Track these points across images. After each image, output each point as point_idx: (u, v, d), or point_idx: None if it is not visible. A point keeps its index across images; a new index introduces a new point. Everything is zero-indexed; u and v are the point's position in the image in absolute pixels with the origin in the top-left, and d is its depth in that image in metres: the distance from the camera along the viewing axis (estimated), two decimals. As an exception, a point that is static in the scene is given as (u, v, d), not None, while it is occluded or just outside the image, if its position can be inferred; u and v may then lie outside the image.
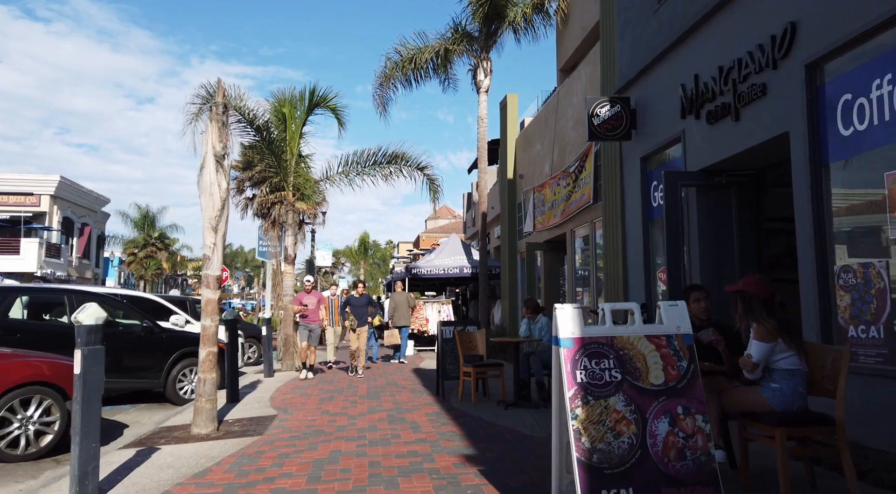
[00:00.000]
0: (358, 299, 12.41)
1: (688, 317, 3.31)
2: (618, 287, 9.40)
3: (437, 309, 19.60)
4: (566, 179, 12.28)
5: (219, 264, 7.33)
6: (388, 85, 18.52)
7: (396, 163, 16.23)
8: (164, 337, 10.06)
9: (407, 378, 11.88)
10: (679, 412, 3.12)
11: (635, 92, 8.77)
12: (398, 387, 10.51)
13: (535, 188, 14.57)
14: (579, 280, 12.23)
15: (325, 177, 16.02)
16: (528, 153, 15.67)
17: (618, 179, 9.40)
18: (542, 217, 14.16)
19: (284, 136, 15.11)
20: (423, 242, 57.65)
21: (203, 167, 7.31)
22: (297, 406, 8.57)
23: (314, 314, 12.09)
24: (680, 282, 6.95)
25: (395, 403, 8.69)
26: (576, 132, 12.05)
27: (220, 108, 7.36)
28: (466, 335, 9.04)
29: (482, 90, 17.57)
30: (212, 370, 7.20)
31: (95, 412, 4.63)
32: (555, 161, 13.34)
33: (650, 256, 8.55)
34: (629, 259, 9.12)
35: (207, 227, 7.28)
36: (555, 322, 3.31)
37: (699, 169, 7.13)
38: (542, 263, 14.36)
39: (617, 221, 9.46)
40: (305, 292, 12.39)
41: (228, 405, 8.87)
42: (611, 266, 9.65)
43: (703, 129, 6.99)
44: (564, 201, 12.37)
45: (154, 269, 54.02)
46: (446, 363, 9.37)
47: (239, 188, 24.05)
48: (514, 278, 16.72)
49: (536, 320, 8.62)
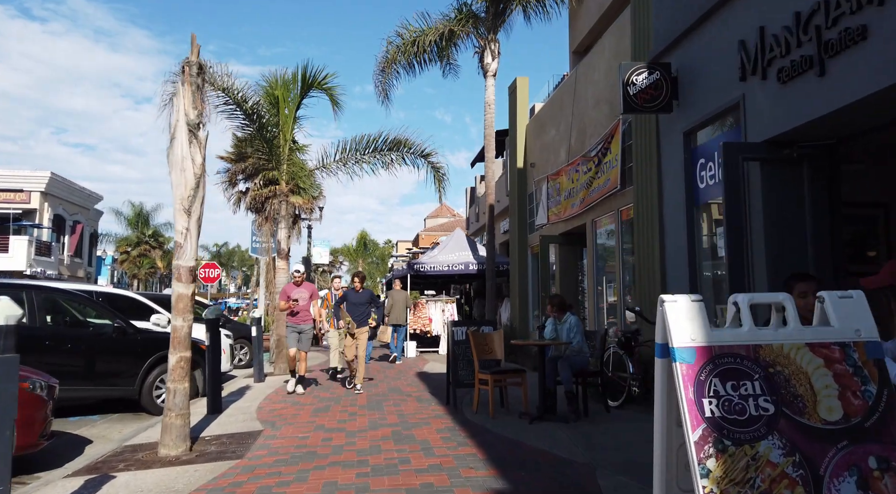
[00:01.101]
0: (357, 295, 10.24)
1: (870, 315, 2.16)
2: (652, 282, 8.25)
3: (440, 308, 18.46)
4: (587, 165, 11.13)
5: (193, 252, 6.17)
6: (390, 70, 17.40)
7: (398, 150, 15.08)
8: (138, 339, 8.90)
9: (411, 384, 10.73)
10: (872, 465, 1.97)
11: (677, 57, 7.61)
12: (403, 395, 9.36)
13: (550, 177, 13.42)
14: (602, 276, 11.08)
15: (321, 165, 14.86)
16: (541, 140, 14.52)
17: (654, 159, 8.25)
18: (556, 208, 13.00)
19: (277, 120, 13.94)
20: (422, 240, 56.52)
21: (173, 138, 6.15)
22: (287, 419, 7.42)
23: (305, 312, 9.78)
24: (743, 275, 5.80)
25: (400, 415, 7.54)
26: (598, 112, 10.90)
27: (193, 68, 6.20)
28: (481, 337, 7.90)
29: (489, 74, 16.42)
30: (183, 379, 6.05)
31: (5, 446, 3.44)
32: (572, 146, 12.19)
33: (695, 246, 7.40)
34: (668, 250, 7.97)
35: (179, 209, 6.13)
36: (662, 322, 2.17)
37: (764, 140, 5.99)
38: (557, 257, 13.21)
39: (652, 207, 8.31)
40: (294, 285, 9.96)
41: (209, 418, 7.72)
42: (644, 259, 8.50)
43: (772, 91, 5.84)
44: (584, 188, 11.21)
45: (148, 268, 52.81)
46: (458, 369, 8.23)
47: (231, 181, 22.89)
48: (524, 274, 15.57)
49: (564, 319, 7.47)
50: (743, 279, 5.81)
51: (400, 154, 15.22)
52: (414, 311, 18.27)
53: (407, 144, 15.13)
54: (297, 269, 10.43)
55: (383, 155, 15.07)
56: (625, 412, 7.42)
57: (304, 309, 9.78)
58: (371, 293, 10.39)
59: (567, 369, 7.05)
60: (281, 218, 14.09)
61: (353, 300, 10.20)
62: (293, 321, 9.73)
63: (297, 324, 9.72)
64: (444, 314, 18.42)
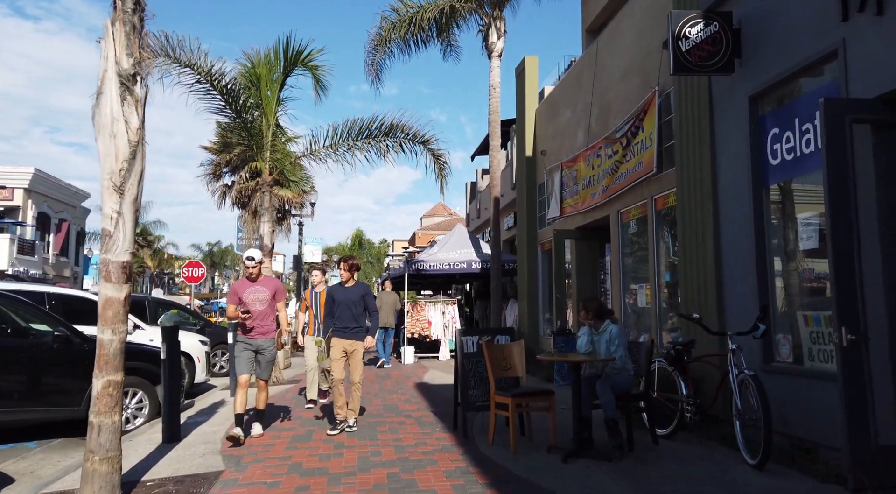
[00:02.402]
0: (346, 291, 7.05)
1: None
2: (703, 284, 6.82)
3: (440, 310, 17.00)
4: (611, 147, 9.69)
5: (127, 243, 4.71)
6: (383, 49, 15.93)
7: (394, 136, 13.60)
8: (86, 349, 7.39)
9: (410, 399, 9.28)
10: None
11: (741, 4, 6.18)
12: (401, 415, 7.90)
13: (564, 164, 11.98)
14: (630, 275, 9.64)
15: (310, 152, 13.36)
16: (553, 124, 13.08)
17: (705, 133, 6.81)
18: (573, 199, 11.57)
19: (258, 102, 12.46)
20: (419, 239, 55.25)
21: (100, 94, 4.68)
22: (257, 453, 5.95)
23: (264, 320, 6.72)
24: (853, 272, 4.37)
25: (398, 448, 6.08)
26: (626, 85, 9.46)
27: (128, 2, 4.72)
28: (498, 350, 6.44)
29: (494, 54, 14.97)
30: (111, 411, 4.58)
31: None
32: (592, 127, 10.75)
33: (765, 238, 5.97)
34: (725, 244, 6.55)
35: (108, 187, 4.66)
36: None
37: (877, 96, 4.56)
38: (574, 254, 11.77)
39: (702, 192, 6.88)
40: (247, 281, 6.81)
41: (162, 449, 6.25)
42: (691, 256, 7.07)
43: (890, 29, 4.42)
44: (608, 174, 9.78)
45: (136, 267, 51.17)
46: (468, 388, 6.77)
47: (215, 174, 21.34)
48: (533, 273, 14.13)
49: (602, 329, 6.01)
50: (852, 279, 4.37)
51: (396, 141, 13.75)
52: (412, 313, 16.82)
53: (404, 130, 13.66)
54: (250, 256, 6.80)
55: (378, 141, 13.60)
56: (677, 445, 5.98)
57: (262, 316, 6.69)
58: (365, 289, 7.19)
59: (608, 391, 5.60)
60: (264, 210, 12.61)
61: (342, 299, 6.99)
62: (245, 333, 6.67)
63: (252, 339, 6.65)
64: (445, 317, 16.97)
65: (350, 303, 6.98)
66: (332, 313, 7.06)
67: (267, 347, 6.74)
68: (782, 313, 5.91)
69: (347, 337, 6.96)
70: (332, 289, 7.23)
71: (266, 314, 6.76)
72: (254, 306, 6.66)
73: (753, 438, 5.16)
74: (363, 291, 7.14)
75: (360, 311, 7.03)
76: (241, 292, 6.74)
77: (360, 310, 7.03)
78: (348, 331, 6.97)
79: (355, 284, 7.16)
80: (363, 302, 7.06)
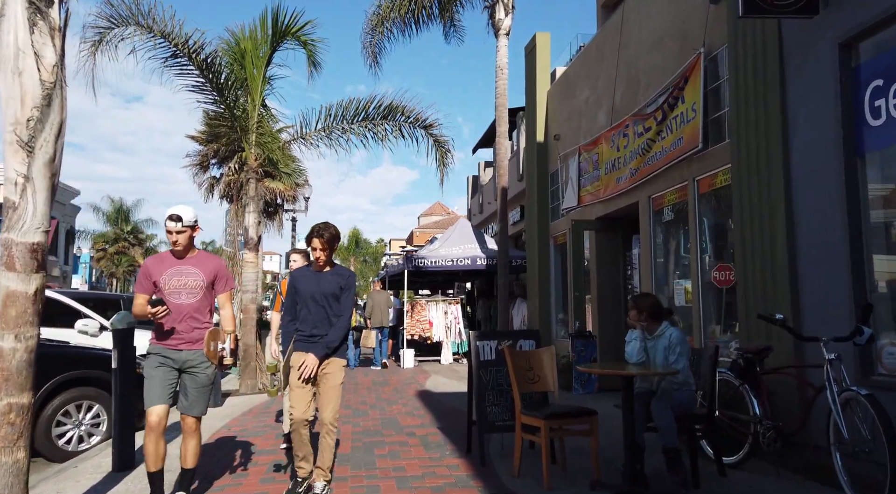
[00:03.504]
0: (319, 279, 4.52)
1: None
2: (771, 278, 5.62)
3: (442, 310, 15.79)
4: (642, 124, 8.50)
5: (38, 219, 3.49)
6: (382, 28, 14.74)
7: (393, 118, 12.41)
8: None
9: (412, 411, 8.08)
10: None
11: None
12: (402, 433, 6.70)
13: (582, 147, 10.79)
14: (665, 270, 8.44)
15: (300, 135, 12.13)
16: (568, 105, 11.88)
17: (774, 93, 5.62)
18: (593, 185, 10.37)
19: (243, 80, 11.24)
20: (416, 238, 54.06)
21: (1, 16, 3.47)
22: (225, 488, 4.73)
23: (194, 320, 4.24)
24: None
25: (401, 480, 4.88)
26: (660, 52, 8.28)
27: None
28: (523, 358, 5.24)
29: (502, 32, 13.79)
30: (13, 447, 3.38)
31: None
32: (616, 104, 9.55)
33: (861, 219, 4.79)
34: (801, 228, 5.36)
35: (11, 142, 3.44)
36: None
37: None
38: (593, 247, 10.57)
39: (770, 166, 5.68)
40: (170, 257, 4.34)
41: (110, 480, 5.05)
42: (753, 244, 5.87)
43: None
44: (639, 155, 8.58)
45: (126, 265, 49.90)
46: (486, 403, 5.56)
47: (202, 165, 20.12)
48: (544, 269, 12.93)
49: (658, 332, 4.81)
50: None
51: (396, 124, 12.56)
52: (411, 313, 15.62)
53: (405, 113, 12.47)
54: (175, 214, 4.25)
55: (375, 125, 12.41)
56: (751, 477, 4.78)
57: (190, 314, 4.22)
58: (348, 278, 4.58)
59: (667, 412, 4.41)
60: (249, 199, 11.39)
61: (311, 291, 4.46)
62: (162, 340, 4.19)
63: (174, 349, 4.17)
64: (447, 317, 15.77)
65: (324, 298, 4.39)
66: (293, 312, 4.51)
67: (199, 364, 4.17)
68: (887, 314, 4.72)
69: (319, 354, 4.36)
70: (298, 276, 4.52)
71: (197, 310, 4.20)
72: (176, 296, 4.15)
73: (863, 475, 3.98)
74: (343, 280, 4.48)
75: (333, 307, 4.48)
76: (156, 273, 4.17)
77: (333, 307, 4.48)
78: (318, 343, 4.38)
79: (333, 269, 4.53)
80: (339, 293, 4.46)
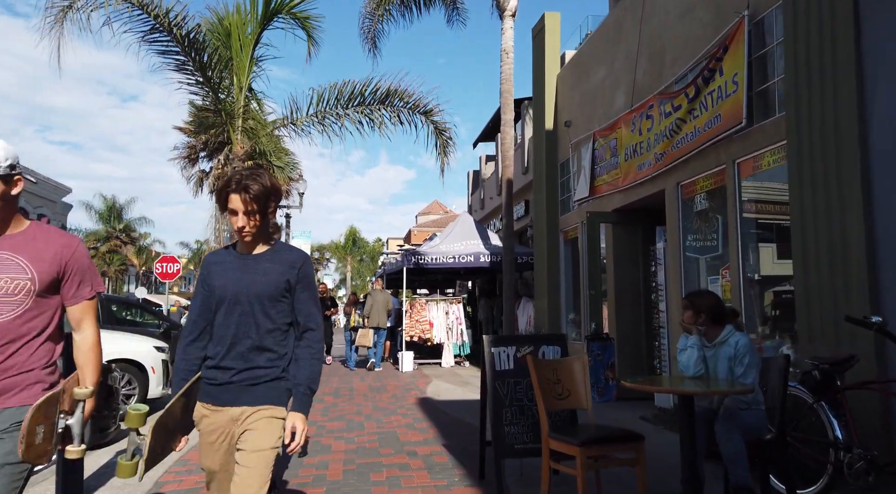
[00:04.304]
0: (247, 265, 2.50)
1: None
2: (842, 273, 4.73)
3: (443, 310, 14.89)
4: (671, 102, 7.61)
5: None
6: (381, 12, 13.90)
7: (391, 104, 11.54)
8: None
9: (413, 424, 7.18)
10: None
11: None
12: (401, 453, 5.79)
13: (598, 133, 9.90)
14: (696, 266, 7.54)
15: (290, 121, 11.23)
16: (581, 89, 10.99)
17: (847, 55, 4.72)
18: (610, 174, 9.49)
19: (229, 60, 10.34)
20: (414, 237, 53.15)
21: None
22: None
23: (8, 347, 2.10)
24: None
25: (402, 520, 3.98)
26: (690, 21, 7.39)
27: None
28: (549, 369, 4.34)
29: (507, 13, 12.95)
30: None
31: None
32: (638, 83, 8.67)
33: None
34: (882, 216, 4.47)
35: None
36: None
37: None
38: (611, 242, 9.68)
39: (840, 142, 4.79)
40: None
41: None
42: (817, 234, 4.98)
43: None
44: (666, 137, 7.69)
45: (118, 264, 48.90)
46: (503, 422, 4.65)
47: (190, 158, 19.20)
48: (553, 267, 12.03)
49: (720, 339, 3.91)
50: None
51: (394, 110, 11.69)
52: (411, 313, 14.71)
53: (403, 97, 11.63)
54: None
55: (372, 110, 11.52)
56: (832, 516, 3.90)
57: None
58: (295, 261, 2.53)
59: (736, 438, 3.52)
60: (235, 190, 10.46)
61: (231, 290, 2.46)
62: None
63: None
64: (449, 318, 14.87)
65: (256, 302, 2.47)
66: (200, 326, 2.54)
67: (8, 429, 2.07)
68: None
69: (237, 398, 2.44)
70: (212, 263, 2.57)
71: (8, 333, 2.13)
72: None
73: None
74: (292, 268, 2.52)
75: (280, 321, 2.50)
76: None
77: (279, 319, 2.50)
78: (238, 383, 2.45)
79: (273, 248, 2.57)
80: (289, 298, 2.53)
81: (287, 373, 2.51)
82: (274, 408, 2.44)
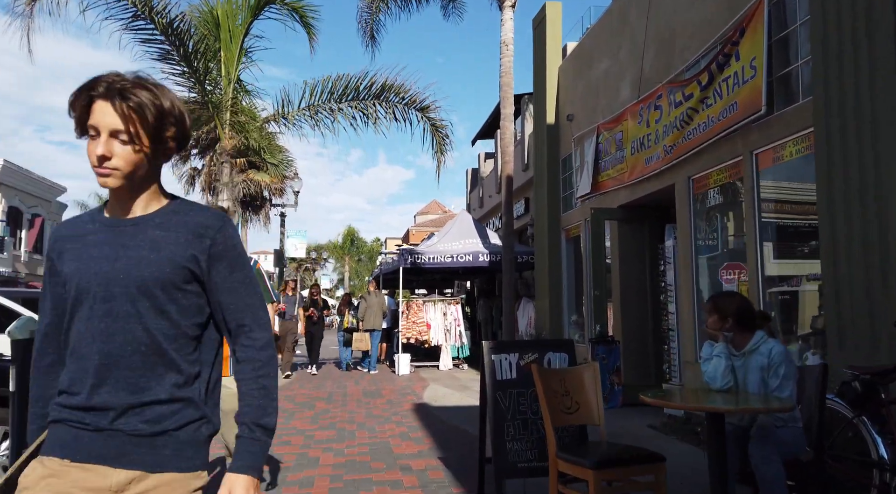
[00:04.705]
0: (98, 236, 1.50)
1: None
2: (881, 275, 4.29)
3: (441, 311, 14.43)
4: (682, 91, 7.17)
5: None
6: (380, 5, 13.50)
7: (386, 99, 11.09)
8: None
9: (408, 433, 6.73)
10: None
11: None
12: (395, 467, 5.34)
13: (602, 126, 9.46)
14: (707, 265, 7.10)
15: (281, 114, 10.77)
16: (584, 80, 10.55)
17: (887, 31, 4.28)
18: (615, 169, 9.05)
19: (217, 50, 9.89)
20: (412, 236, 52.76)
21: None
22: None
23: None
24: None
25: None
26: (702, 5, 6.95)
27: None
28: (556, 379, 3.89)
29: (507, 4, 12.53)
30: None
31: None
32: (646, 72, 8.23)
33: None
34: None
35: None
36: None
37: None
38: (615, 240, 9.24)
39: (878, 127, 4.35)
40: None
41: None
42: (851, 231, 4.54)
43: None
44: (676, 128, 7.25)
45: (114, 264, 48.45)
46: (505, 437, 4.20)
47: (181, 155, 18.76)
48: (555, 266, 11.60)
49: (750, 346, 3.45)
50: None
51: (389, 106, 11.23)
52: (408, 314, 14.26)
53: (399, 92, 11.16)
54: None
55: (367, 105, 11.07)
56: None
57: None
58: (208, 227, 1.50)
59: (774, 459, 3.08)
60: (223, 186, 10.02)
61: (94, 277, 1.44)
62: None
63: None
64: (447, 319, 14.41)
65: (139, 291, 1.44)
66: (55, 343, 1.56)
67: None
68: None
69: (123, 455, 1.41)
70: (63, 236, 1.54)
71: None
72: None
73: None
74: (197, 235, 1.50)
75: (185, 323, 1.49)
76: None
77: (184, 318, 1.49)
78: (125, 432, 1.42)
79: (166, 208, 1.53)
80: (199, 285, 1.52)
81: (209, 408, 1.52)
82: (189, 477, 1.46)
